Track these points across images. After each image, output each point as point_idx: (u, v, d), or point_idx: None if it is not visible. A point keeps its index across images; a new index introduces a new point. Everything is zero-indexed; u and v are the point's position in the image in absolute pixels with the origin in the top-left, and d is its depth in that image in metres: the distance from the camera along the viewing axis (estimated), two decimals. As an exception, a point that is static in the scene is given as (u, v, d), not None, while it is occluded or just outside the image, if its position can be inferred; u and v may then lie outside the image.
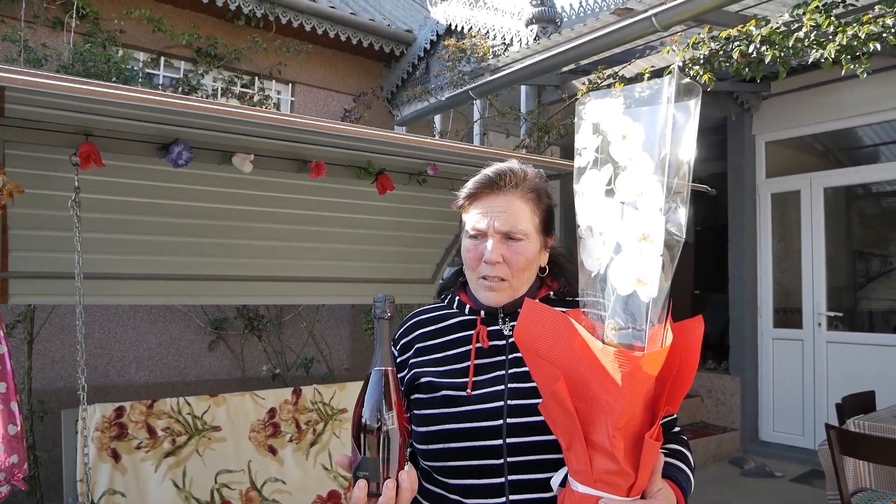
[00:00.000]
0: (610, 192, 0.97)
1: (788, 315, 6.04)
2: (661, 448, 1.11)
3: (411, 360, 1.30)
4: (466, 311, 1.30)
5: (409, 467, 1.02)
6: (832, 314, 5.75)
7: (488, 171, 1.25)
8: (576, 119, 1.03)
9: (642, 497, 0.99)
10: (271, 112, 5.61)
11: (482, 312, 1.28)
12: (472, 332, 1.26)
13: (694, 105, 0.95)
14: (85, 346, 5.34)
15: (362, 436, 1.01)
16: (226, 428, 3.22)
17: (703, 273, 8.60)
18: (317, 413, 3.50)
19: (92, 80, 1.98)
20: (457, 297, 1.34)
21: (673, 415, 1.22)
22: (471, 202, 1.24)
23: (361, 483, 1.00)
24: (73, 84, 1.86)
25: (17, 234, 3.17)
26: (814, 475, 5.12)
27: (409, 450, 1.16)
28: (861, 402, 3.70)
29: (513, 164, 1.26)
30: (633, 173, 0.95)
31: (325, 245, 4.14)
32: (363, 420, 1.01)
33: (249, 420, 3.31)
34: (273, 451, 3.34)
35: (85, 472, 2.73)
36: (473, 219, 1.22)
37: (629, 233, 0.94)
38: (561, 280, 1.31)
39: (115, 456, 2.92)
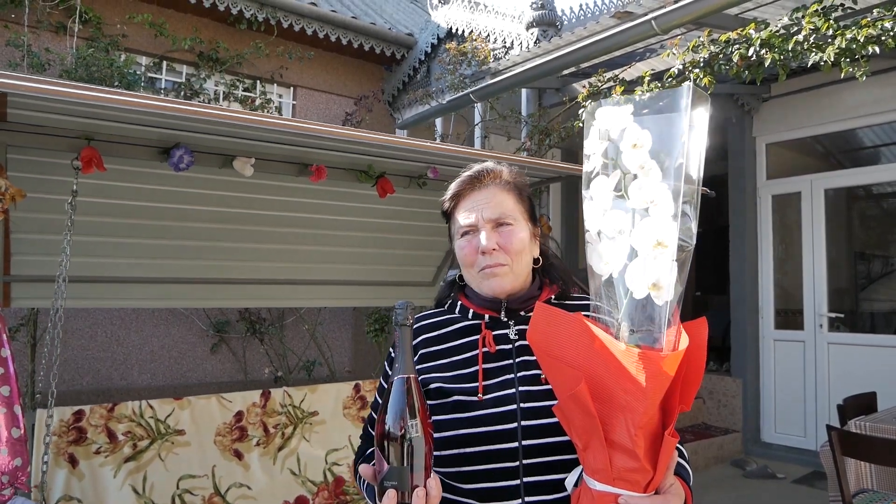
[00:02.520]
0: (619, 198, 0.98)
1: (789, 316, 6.03)
2: None
3: (417, 367, 1.30)
4: (470, 315, 1.31)
5: (434, 475, 1.02)
6: (833, 315, 5.74)
7: (467, 171, 1.31)
8: (585, 124, 1.04)
9: (656, 492, 1.01)
10: (271, 116, 5.63)
11: (486, 316, 1.29)
12: (477, 336, 1.27)
13: (702, 115, 0.98)
14: (88, 349, 5.34)
15: (387, 444, 0.99)
16: (190, 432, 3.13)
17: (705, 275, 8.59)
18: (286, 416, 3.41)
19: (93, 86, 2.00)
20: (458, 302, 1.35)
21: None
22: (456, 203, 1.30)
23: (391, 493, 0.98)
24: (75, 90, 1.88)
25: (19, 238, 3.19)
26: (816, 476, 5.12)
27: None
28: (862, 404, 3.70)
29: (488, 163, 1.33)
30: (644, 181, 0.96)
31: (326, 248, 4.15)
32: (387, 429, 1.00)
33: (215, 423, 3.21)
34: (239, 455, 3.25)
35: (41, 478, 2.64)
36: (462, 217, 1.27)
37: (644, 239, 0.96)
38: (559, 283, 1.33)
39: (73, 461, 2.83)
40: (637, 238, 0.96)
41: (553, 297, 1.31)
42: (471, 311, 1.31)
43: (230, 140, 2.86)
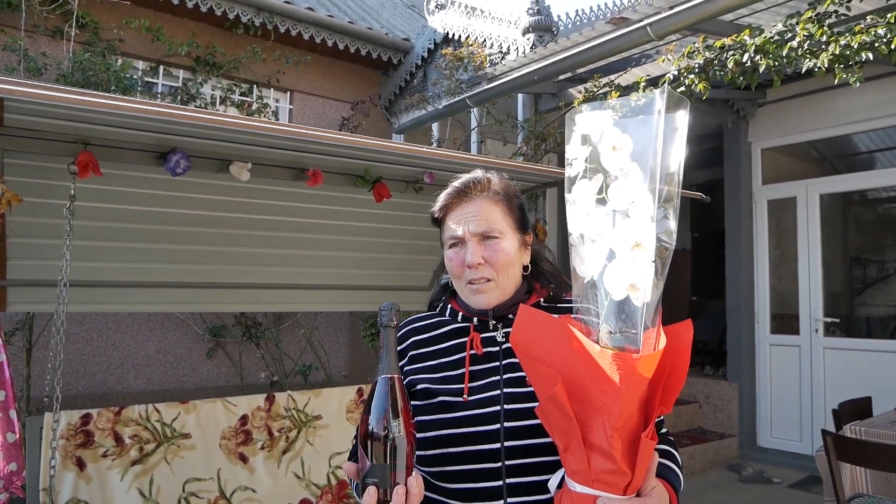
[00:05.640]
0: (601, 201, 0.99)
1: (785, 321, 6.05)
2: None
3: (406, 368, 1.32)
4: (459, 318, 1.33)
5: (416, 473, 1.04)
6: (829, 320, 5.76)
7: (455, 182, 1.32)
8: (566, 130, 1.05)
9: (637, 495, 1.01)
10: (267, 121, 5.64)
11: (475, 319, 1.31)
12: (466, 339, 1.29)
13: (682, 117, 0.99)
14: (83, 353, 5.32)
15: (370, 443, 1.02)
16: (196, 435, 3.14)
17: (700, 279, 8.62)
18: (290, 420, 3.42)
19: (90, 91, 2.00)
20: (448, 306, 1.37)
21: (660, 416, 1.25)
22: (445, 214, 1.31)
23: (371, 490, 1.00)
24: (72, 95, 1.88)
25: (15, 243, 3.18)
26: (812, 481, 5.12)
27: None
28: (857, 408, 3.71)
29: (477, 173, 1.33)
30: (624, 183, 0.97)
31: (322, 252, 4.15)
32: (370, 427, 1.02)
33: (220, 427, 3.22)
34: (244, 458, 3.26)
35: (49, 481, 2.66)
36: (450, 229, 1.28)
37: (622, 240, 0.96)
38: (550, 287, 1.34)
39: (80, 464, 2.84)
40: (615, 239, 0.97)
41: (542, 300, 1.32)
42: (460, 314, 1.33)
43: (227, 145, 2.86)
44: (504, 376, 1.23)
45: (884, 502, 3.03)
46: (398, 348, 1.35)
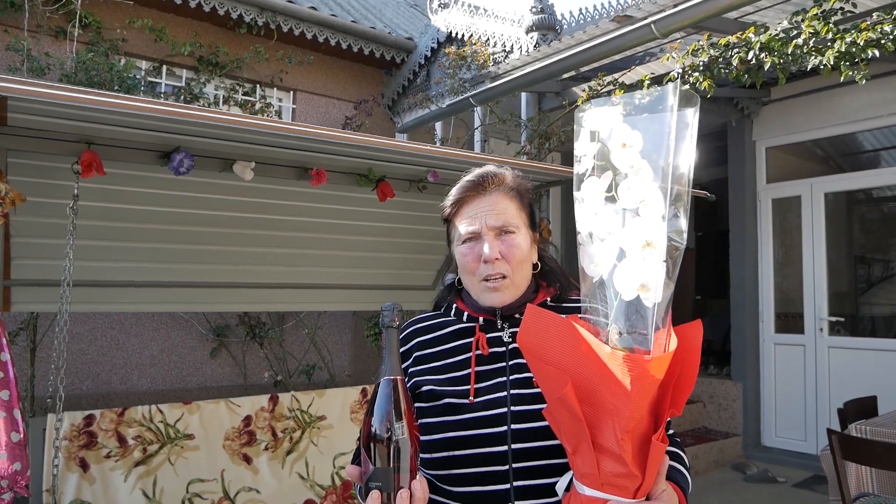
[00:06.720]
0: (610, 199, 0.97)
1: (790, 320, 6.03)
2: None
3: (410, 369, 1.30)
4: (464, 318, 1.31)
5: (420, 476, 1.02)
6: (834, 319, 5.74)
7: (469, 176, 1.28)
8: (575, 126, 1.04)
9: (647, 498, 1.00)
10: (271, 120, 5.64)
11: (480, 319, 1.29)
12: (472, 339, 1.27)
13: (692, 114, 0.97)
14: (87, 353, 5.32)
15: (373, 446, 1.00)
16: (199, 436, 3.14)
17: (705, 278, 8.60)
18: (294, 420, 3.41)
19: (93, 90, 2.00)
20: (454, 305, 1.34)
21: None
22: (458, 209, 1.27)
23: (374, 494, 0.99)
24: (76, 94, 1.88)
25: (19, 243, 3.18)
26: (816, 480, 5.11)
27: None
28: (863, 407, 3.69)
29: (490, 167, 1.30)
30: (634, 181, 0.96)
31: (325, 252, 4.14)
32: (373, 430, 1.00)
33: (224, 428, 3.22)
34: (248, 459, 3.26)
35: (52, 482, 2.66)
36: (465, 223, 1.25)
37: (632, 239, 0.95)
38: (556, 285, 1.32)
39: (84, 465, 2.84)
40: (625, 239, 0.95)
41: (549, 299, 1.30)
42: (465, 313, 1.31)
43: (230, 144, 2.86)
44: (511, 377, 1.21)
45: (890, 502, 3.01)
46: (402, 348, 1.33)
